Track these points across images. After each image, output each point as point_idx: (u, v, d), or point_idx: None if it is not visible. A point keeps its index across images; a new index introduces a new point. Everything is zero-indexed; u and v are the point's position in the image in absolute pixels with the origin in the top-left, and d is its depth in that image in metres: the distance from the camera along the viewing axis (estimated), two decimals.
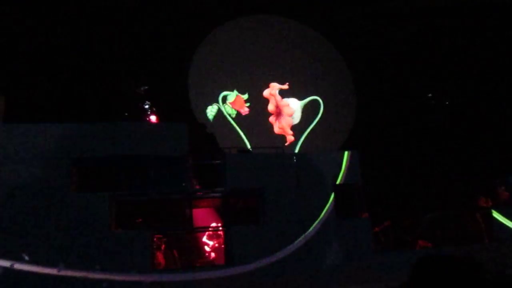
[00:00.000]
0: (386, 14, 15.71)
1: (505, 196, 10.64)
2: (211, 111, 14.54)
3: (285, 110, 15.25)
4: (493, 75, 15.01)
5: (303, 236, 8.69)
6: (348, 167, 9.67)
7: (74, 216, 7.78)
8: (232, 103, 14.75)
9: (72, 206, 7.84)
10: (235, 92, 14.89)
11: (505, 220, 9.84)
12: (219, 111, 14.55)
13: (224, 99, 14.67)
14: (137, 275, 7.68)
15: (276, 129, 15.03)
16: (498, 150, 13.25)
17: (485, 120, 14.41)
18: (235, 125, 14.65)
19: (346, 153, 9.83)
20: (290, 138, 15.02)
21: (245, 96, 14.93)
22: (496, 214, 9.91)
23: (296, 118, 15.37)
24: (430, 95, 15.71)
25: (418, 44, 15.41)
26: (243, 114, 14.78)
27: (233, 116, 14.64)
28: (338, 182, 9.50)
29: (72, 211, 7.80)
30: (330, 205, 9.14)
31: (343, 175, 9.60)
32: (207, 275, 8.21)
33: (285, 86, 15.30)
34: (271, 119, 15.13)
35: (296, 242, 8.67)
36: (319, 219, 8.97)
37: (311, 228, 8.84)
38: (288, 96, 15.41)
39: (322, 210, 9.06)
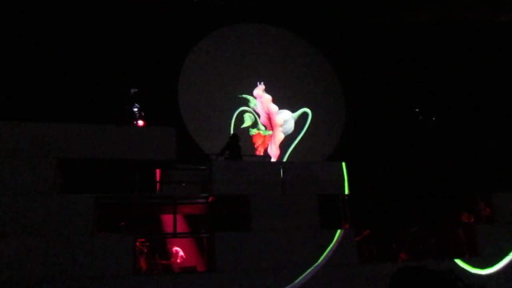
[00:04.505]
0: (377, 29, 15.93)
1: (487, 212, 10.76)
2: (249, 118, 14.42)
3: (277, 119, 15.17)
4: (480, 92, 15.25)
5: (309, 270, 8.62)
6: (336, 178, 9.72)
7: (56, 217, 7.65)
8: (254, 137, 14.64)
9: (55, 208, 7.71)
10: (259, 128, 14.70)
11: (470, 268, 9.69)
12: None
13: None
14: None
15: (270, 150, 14.81)
16: (482, 166, 13.44)
17: (470, 137, 14.62)
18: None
19: (343, 163, 9.90)
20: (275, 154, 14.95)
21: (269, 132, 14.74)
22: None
23: (289, 128, 15.33)
24: (417, 110, 15.91)
25: (408, 59, 15.62)
26: (257, 152, 14.53)
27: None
28: (324, 192, 9.51)
29: (55, 212, 7.68)
30: (315, 215, 9.14)
31: (330, 185, 9.63)
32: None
33: (262, 86, 15.24)
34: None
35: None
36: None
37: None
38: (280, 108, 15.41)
39: (307, 220, 9.04)
